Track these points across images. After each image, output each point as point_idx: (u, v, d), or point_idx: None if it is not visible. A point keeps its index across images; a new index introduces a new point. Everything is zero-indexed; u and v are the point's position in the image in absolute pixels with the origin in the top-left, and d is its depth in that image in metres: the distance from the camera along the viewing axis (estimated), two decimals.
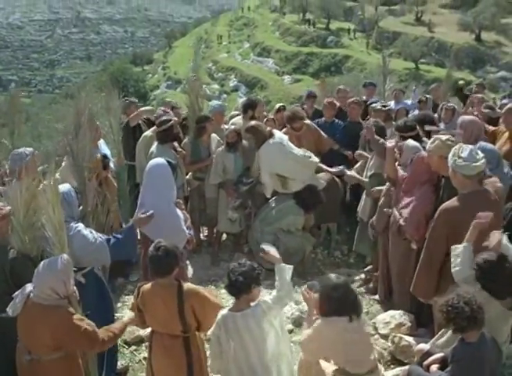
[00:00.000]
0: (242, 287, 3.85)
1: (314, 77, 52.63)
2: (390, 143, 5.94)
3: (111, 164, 6.64)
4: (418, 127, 6.23)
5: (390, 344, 5.21)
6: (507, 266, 3.76)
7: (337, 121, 8.27)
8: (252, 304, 3.94)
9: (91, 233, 4.51)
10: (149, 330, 4.58)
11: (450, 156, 4.57)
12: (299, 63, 60.82)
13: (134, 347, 5.60)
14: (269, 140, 7.01)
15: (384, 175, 6.10)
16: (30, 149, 5.51)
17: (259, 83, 58.08)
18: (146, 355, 5.13)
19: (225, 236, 8.14)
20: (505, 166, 5.61)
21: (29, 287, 3.78)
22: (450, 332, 3.95)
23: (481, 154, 4.50)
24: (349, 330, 3.88)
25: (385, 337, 5.36)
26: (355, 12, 68.56)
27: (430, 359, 3.94)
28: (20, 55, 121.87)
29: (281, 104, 9.50)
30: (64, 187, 4.51)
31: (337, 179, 7.57)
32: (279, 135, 7.23)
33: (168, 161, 5.59)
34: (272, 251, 4.21)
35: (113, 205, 5.98)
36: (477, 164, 4.44)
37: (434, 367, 3.85)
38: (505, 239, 4.04)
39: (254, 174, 7.42)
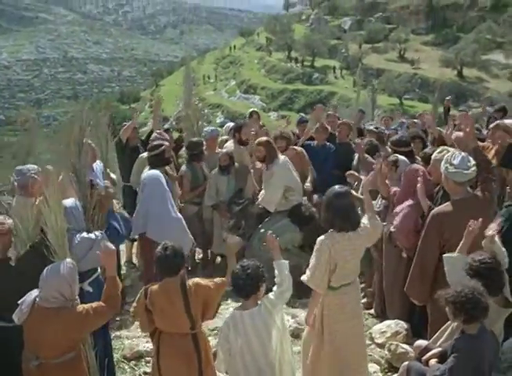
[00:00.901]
0: (251, 289, 3.98)
1: (300, 113, 53.33)
2: (377, 162, 6.04)
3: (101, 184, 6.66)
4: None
5: (387, 352, 5.27)
6: (498, 265, 3.93)
7: (328, 144, 8.43)
8: (259, 302, 4.05)
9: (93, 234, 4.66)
10: (148, 345, 4.57)
11: (443, 163, 4.74)
12: (285, 99, 61.66)
13: (133, 362, 5.58)
14: (280, 156, 7.17)
15: (376, 191, 6.19)
16: (34, 166, 5.57)
17: (246, 119, 58.56)
18: (146, 370, 5.18)
19: (219, 258, 8.18)
20: None
21: (34, 293, 3.82)
22: (450, 329, 4.06)
23: (472, 162, 4.65)
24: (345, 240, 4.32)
25: (382, 346, 5.43)
26: (339, 49, 69.86)
27: (429, 354, 4.03)
28: (7, 94, 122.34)
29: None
30: (69, 201, 4.60)
31: None
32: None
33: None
34: (277, 243, 4.30)
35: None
36: (468, 171, 4.59)
37: (432, 361, 3.93)
38: (497, 238, 4.13)
39: (247, 195, 7.56)
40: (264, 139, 7.31)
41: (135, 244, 7.86)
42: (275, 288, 4.11)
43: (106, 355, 4.74)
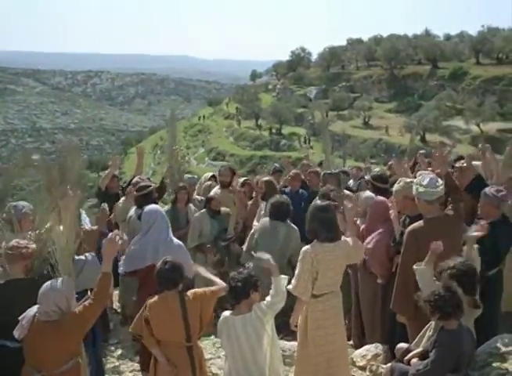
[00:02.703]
0: (241, 293, 4.16)
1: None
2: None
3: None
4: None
5: (368, 373, 5.41)
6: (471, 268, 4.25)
7: (301, 191, 8.72)
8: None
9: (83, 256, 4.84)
10: None
11: (414, 184, 5.11)
12: (253, 165, 62.35)
13: None
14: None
15: None
16: (26, 203, 5.71)
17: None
18: None
19: None
20: None
21: (34, 309, 3.96)
22: (428, 332, 4.28)
23: (440, 182, 5.02)
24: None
25: (363, 368, 5.56)
26: (306, 117, 71.52)
27: (410, 354, 4.25)
28: None
29: (245, 178, 9.87)
30: None
31: None
32: None
33: None
34: (270, 260, 4.40)
35: None
36: (437, 189, 4.96)
37: (414, 360, 4.14)
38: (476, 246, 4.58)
39: (230, 234, 7.82)
40: (266, 178, 7.98)
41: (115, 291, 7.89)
42: (268, 298, 4.25)
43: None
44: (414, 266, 4.62)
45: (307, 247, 4.78)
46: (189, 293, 4.29)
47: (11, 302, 4.27)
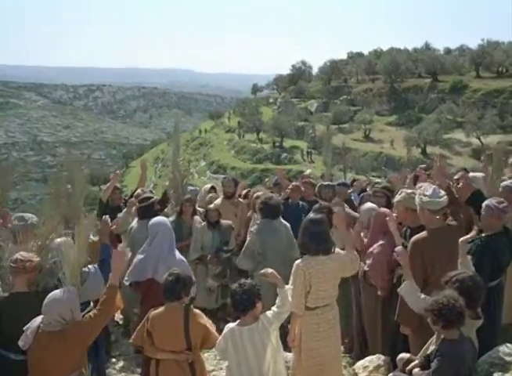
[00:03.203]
0: (247, 305, 4.20)
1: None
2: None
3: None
4: None
5: None
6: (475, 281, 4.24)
7: (301, 203, 8.73)
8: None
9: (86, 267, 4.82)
10: None
11: (416, 196, 5.18)
12: (255, 178, 62.35)
13: None
14: None
15: None
16: (31, 215, 5.76)
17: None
18: None
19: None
20: None
21: (38, 319, 3.99)
22: (431, 345, 4.24)
23: (443, 192, 5.05)
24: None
25: None
26: (307, 131, 71.62)
27: (412, 364, 4.27)
28: None
29: (248, 189, 9.96)
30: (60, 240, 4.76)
31: None
32: None
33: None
34: (273, 274, 4.48)
35: None
36: (441, 199, 5.02)
37: (416, 370, 4.16)
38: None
39: (231, 246, 7.88)
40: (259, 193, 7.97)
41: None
42: (274, 308, 4.29)
43: None
44: (398, 290, 4.74)
45: (299, 260, 4.83)
46: (198, 311, 4.33)
47: (14, 315, 4.29)
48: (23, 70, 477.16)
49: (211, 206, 8.07)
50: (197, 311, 4.37)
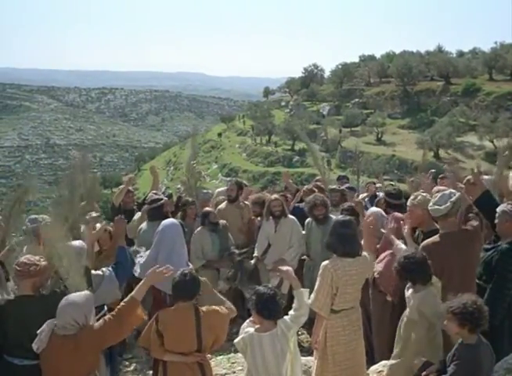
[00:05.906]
0: (278, 314, 4.15)
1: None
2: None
3: None
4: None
5: None
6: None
7: None
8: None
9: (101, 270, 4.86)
10: None
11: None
12: (266, 182, 62.30)
13: None
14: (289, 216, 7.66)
15: None
16: (45, 216, 5.77)
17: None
18: None
19: None
20: None
21: (52, 322, 3.96)
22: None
23: (452, 199, 5.01)
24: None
25: None
26: (319, 134, 71.49)
27: (428, 369, 4.22)
28: None
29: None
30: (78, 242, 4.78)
31: None
32: None
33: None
34: (292, 273, 4.43)
35: None
36: (441, 207, 4.98)
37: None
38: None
39: (232, 245, 7.82)
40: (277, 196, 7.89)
41: None
42: (291, 312, 4.23)
43: None
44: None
45: (326, 262, 4.75)
46: (204, 308, 4.25)
47: (19, 319, 4.26)
48: (35, 74, 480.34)
49: (208, 209, 7.96)
50: (206, 308, 4.27)
